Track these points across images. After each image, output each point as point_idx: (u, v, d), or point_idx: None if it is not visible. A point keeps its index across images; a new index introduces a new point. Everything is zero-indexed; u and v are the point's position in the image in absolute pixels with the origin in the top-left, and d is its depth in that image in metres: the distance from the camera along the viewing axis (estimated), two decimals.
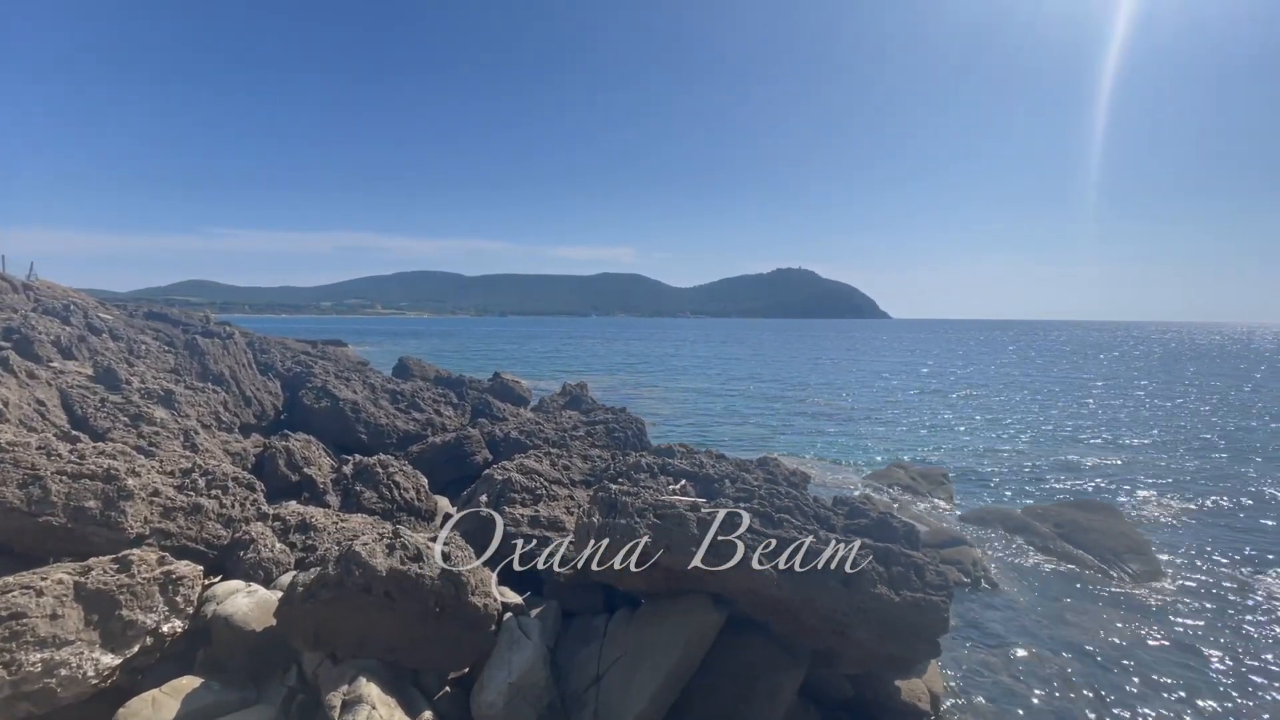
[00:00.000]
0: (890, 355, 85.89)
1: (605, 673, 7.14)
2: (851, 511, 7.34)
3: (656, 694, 6.53)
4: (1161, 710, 8.20)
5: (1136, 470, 21.48)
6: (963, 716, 8.22)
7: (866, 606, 5.94)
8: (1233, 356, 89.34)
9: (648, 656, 6.75)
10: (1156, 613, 11.01)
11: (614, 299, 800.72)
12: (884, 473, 19.45)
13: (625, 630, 7.33)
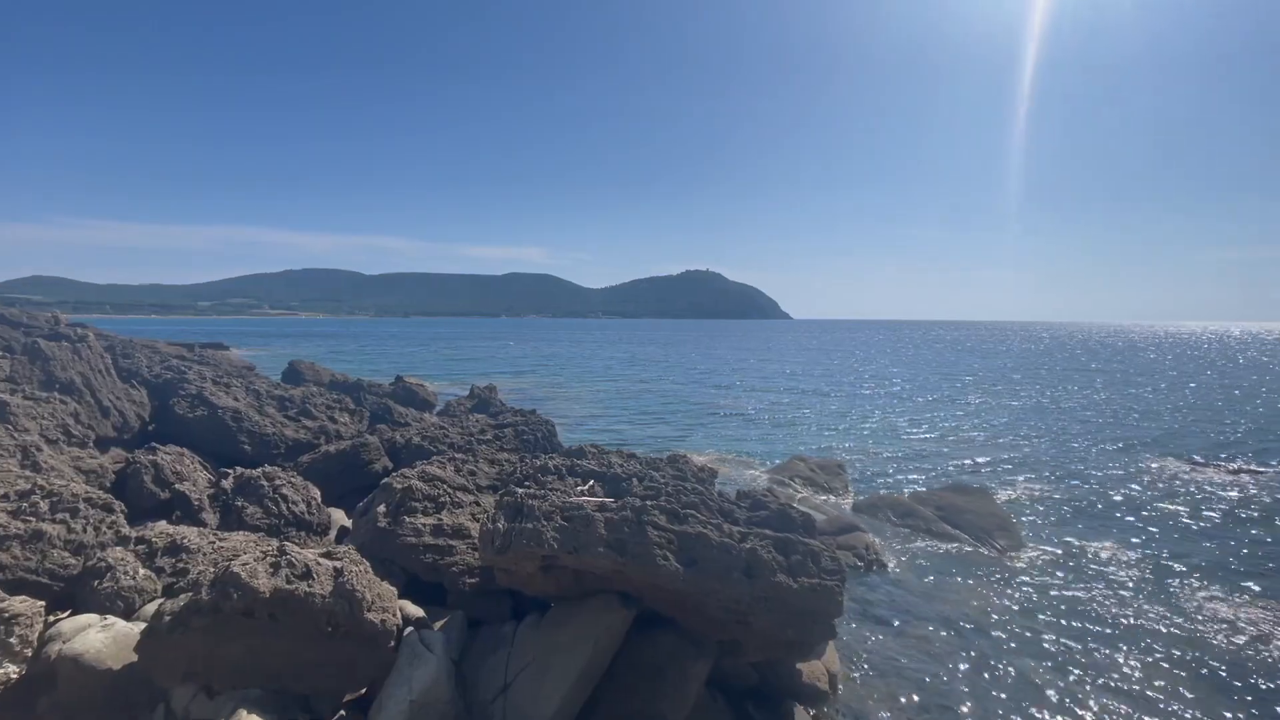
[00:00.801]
0: (792, 354, 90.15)
1: (513, 681, 6.99)
2: (754, 504, 7.61)
3: (566, 697, 6.48)
4: (1026, 663, 9.11)
5: (1007, 457, 23.76)
6: (859, 691, 8.73)
7: (767, 595, 6.18)
8: (1100, 355, 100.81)
9: (557, 660, 6.68)
10: (1018, 580, 12.25)
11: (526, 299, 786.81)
12: (786, 466, 20.34)
13: (533, 636, 7.21)
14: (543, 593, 7.12)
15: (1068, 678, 8.94)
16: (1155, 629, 10.39)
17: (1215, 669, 9.17)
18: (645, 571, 6.14)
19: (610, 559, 6.27)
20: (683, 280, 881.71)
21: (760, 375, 56.80)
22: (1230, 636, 10.14)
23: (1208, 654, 9.58)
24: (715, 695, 7.78)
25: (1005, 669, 9.09)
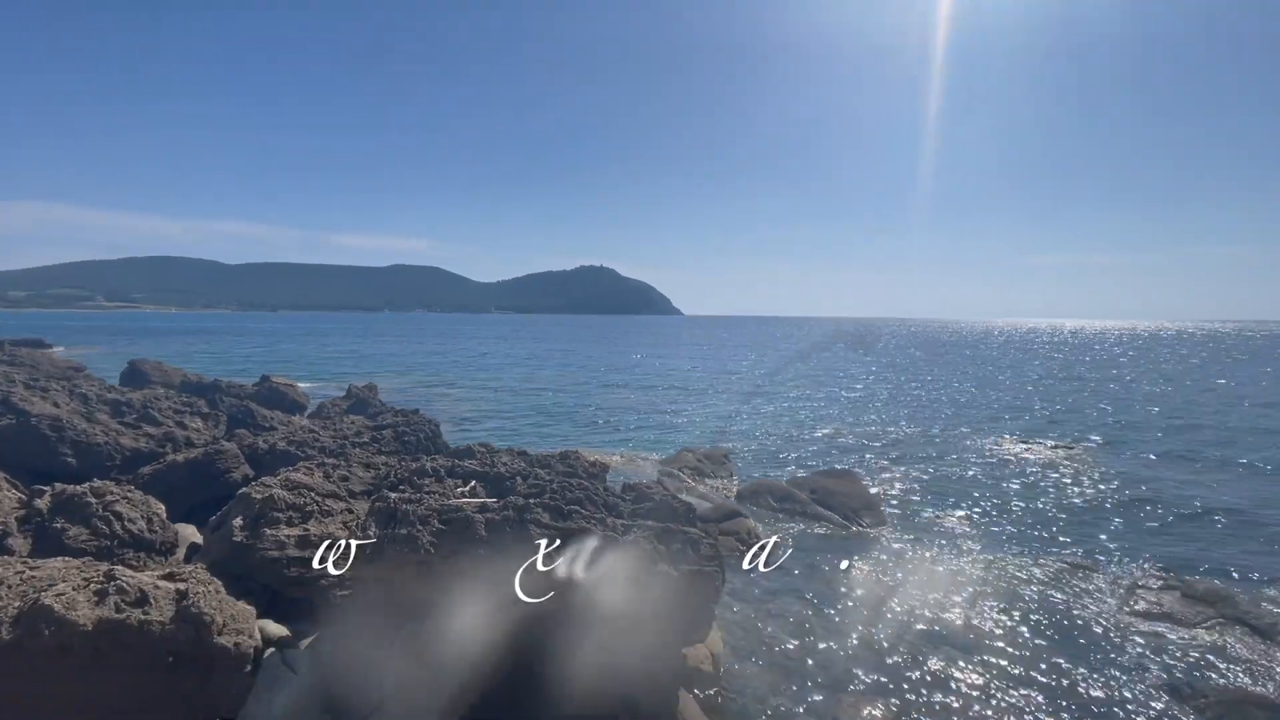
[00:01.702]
0: (685, 350, 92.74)
1: (389, 695, 6.67)
2: (638, 497, 7.76)
3: (444, 707, 6.27)
4: (889, 629, 10.00)
5: (874, 442, 25.90)
6: (741, 669, 9.17)
7: (650, 584, 6.33)
8: (955, 347, 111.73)
9: (435, 670, 6.43)
10: (882, 554, 13.44)
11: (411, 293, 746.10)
12: (676, 458, 20.92)
13: (411, 646, 6.91)
14: (423, 598, 6.83)
15: (924, 638, 9.91)
16: (994, 588, 11.77)
17: (1040, 618, 10.55)
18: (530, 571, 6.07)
19: (494, 559, 6.14)
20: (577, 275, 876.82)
21: (654, 370, 57.99)
22: (1051, 590, 11.72)
23: (1036, 606, 11.00)
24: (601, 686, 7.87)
25: (872, 636, 9.91)
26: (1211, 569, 12.91)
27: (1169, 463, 22.85)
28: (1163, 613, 10.64)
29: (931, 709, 8.15)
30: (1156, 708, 8.22)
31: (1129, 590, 11.65)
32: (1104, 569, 12.83)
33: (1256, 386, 49.77)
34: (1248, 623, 10.17)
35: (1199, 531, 15.35)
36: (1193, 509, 17.04)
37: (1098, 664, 9.24)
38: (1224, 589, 11.51)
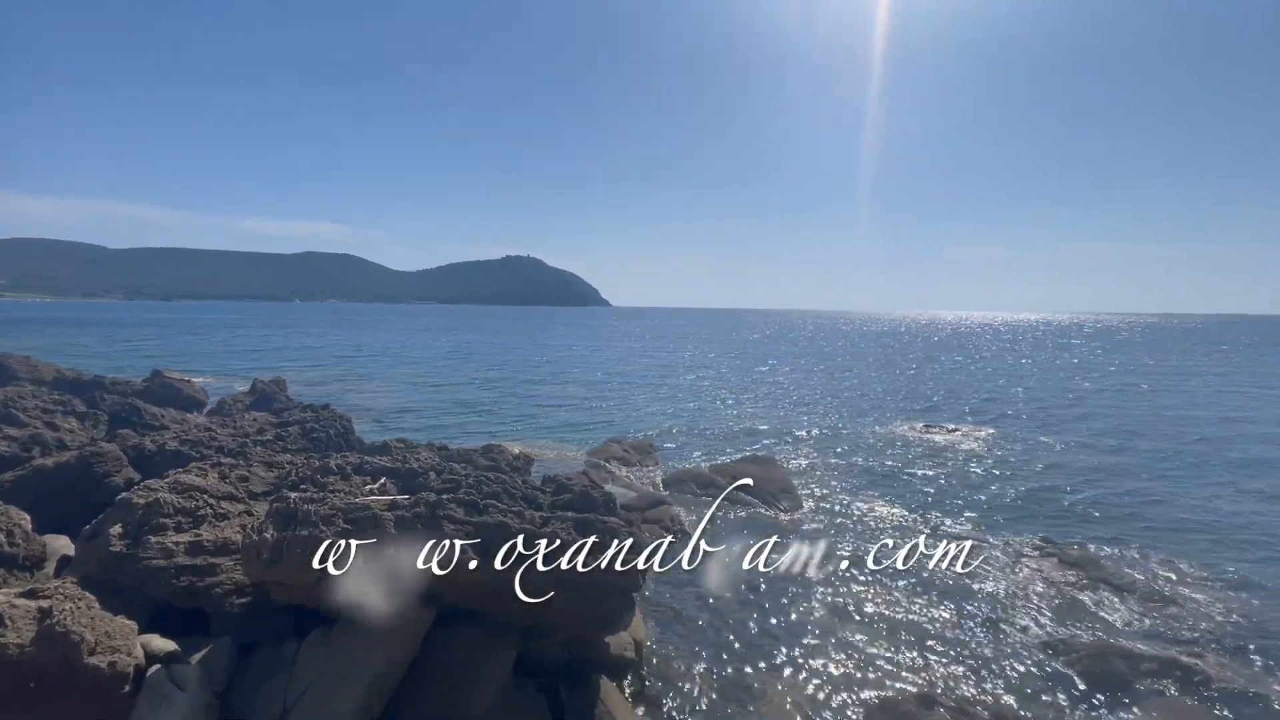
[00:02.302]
0: (612, 340, 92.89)
1: (295, 704, 6.33)
2: (558, 488, 7.70)
3: (356, 712, 6.02)
4: (806, 606, 10.43)
5: (793, 429, 26.90)
6: (665, 653, 9.33)
7: (568, 576, 6.30)
8: (869, 338, 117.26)
9: (345, 674, 6.16)
10: (798, 535, 14.00)
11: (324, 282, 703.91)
12: (603, 448, 20.94)
13: (320, 652, 6.58)
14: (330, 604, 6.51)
15: (835, 612, 10.42)
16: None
17: (939, 587, 11.30)
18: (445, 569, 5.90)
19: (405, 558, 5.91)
20: (502, 265, 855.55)
21: (582, 362, 57.72)
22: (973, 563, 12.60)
23: (936, 577, 11.77)
24: (523, 683, 7.78)
25: (789, 614, 10.31)
26: (1084, 537, 14.28)
27: (1055, 443, 25.05)
28: (1042, 577, 11.69)
29: (842, 677, 8.58)
30: (1035, 659, 9.03)
31: (1015, 559, 12.72)
32: (994, 540, 13.92)
33: (1135, 373, 55.34)
34: (1111, 583, 11.34)
35: (1075, 504, 16.92)
36: (1071, 484, 18.79)
37: (988, 625, 10.03)
38: (1093, 554, 12.78)
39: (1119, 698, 8.24)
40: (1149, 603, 10.88)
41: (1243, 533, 14.72)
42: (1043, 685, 8.55)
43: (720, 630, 9.82)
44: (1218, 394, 40.39)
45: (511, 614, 6.68)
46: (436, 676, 6.90)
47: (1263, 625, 10.26)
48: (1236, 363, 64.38)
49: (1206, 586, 11.67)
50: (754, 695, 8.28)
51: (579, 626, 7.43)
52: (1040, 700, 8.24)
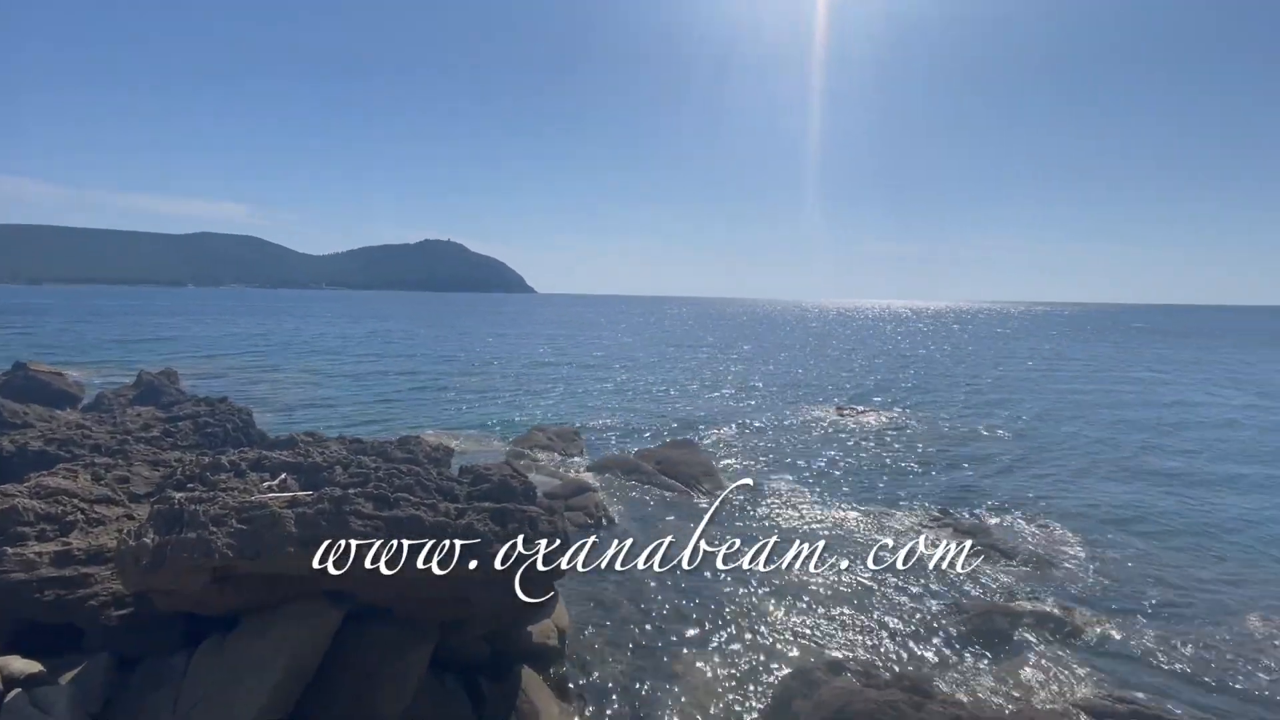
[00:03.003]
0: (538, 328, 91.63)
1: (189, 714, 5.89)
2: (476, 479, 7.52)
3: (257, 718, 5.67)
4: (726, 583, 10.73)
5: (715, 413, 27.54)
6: (588, 640, 9.36)
7: (486, 568, 6.18)
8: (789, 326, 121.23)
9: (244, 683, 5.78)
10: (721, 518, 14.35)
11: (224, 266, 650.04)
12: (527, 437, 20.67)
13: (214, 660, 6.14)
14: (225, 610, 6.08)
15: (755, 586, 10.79)
16: (813, 536, 13.11)
17: (849, 558, 11.92)
18: (350, 565, 5.62)
19: (307, 557, 5.60)
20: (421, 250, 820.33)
21: (506, 350, 56.58)
22: (857, 533, 13.34)
23: (846, 549, 12.41)
24: (442, 677, 7.60)
25: (711, 592, 10.58)
26: (977, 507, 15.49)
27: (956, 422, 26.96)
28: (939, 543, 12.58)
29: (758, 651, 8.93)
30: (931, 621, 9.73)
31: (914, 528, 13.65)
32: (898, 512, 14.86)
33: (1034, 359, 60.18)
34: (998, 548, 12.38)
35: (970, 478, 18.32)
36: (968, 460, 20.32)
37: (892, 593, 10.71)
38: (982, 522, 13.90)
39: (1001, 650, 9.04)
40: (1028, 565, 11.96)
41: (1112, 502, 16.45)
42: (937, 643, 9.24)
43: (643, 614, 9.96)
44: (1109, 378, 44.74)
45: (425, 609, 6.48)
46: (349, 676, 6.61)
47: (1126, 583, 11.51)
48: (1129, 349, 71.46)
49: (1079, 550, 12.95)
50: (674, 675, 8.47)
51: (499, 618, 7.32)
52: (934, 657, 8.91)
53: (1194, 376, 44.94)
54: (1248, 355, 63.71)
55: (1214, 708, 8.02)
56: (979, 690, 8.17)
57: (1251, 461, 20.79)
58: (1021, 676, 8.48)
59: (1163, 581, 11.61)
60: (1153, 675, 8.66)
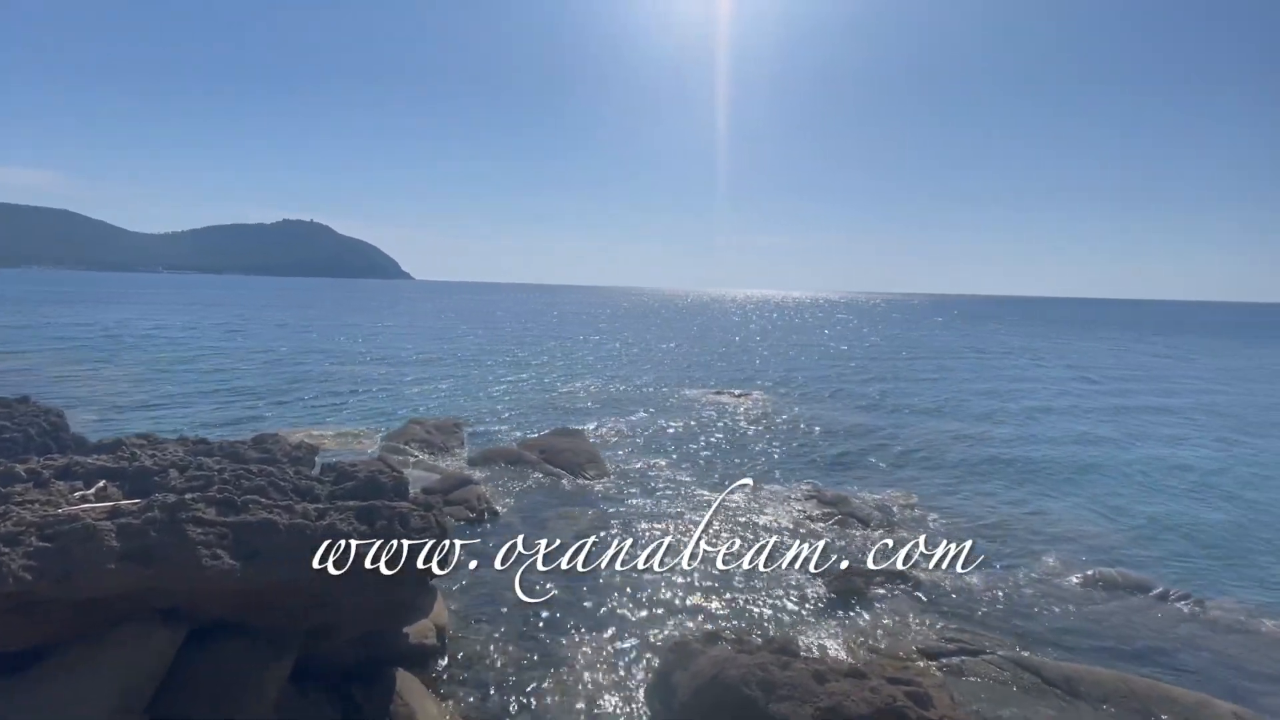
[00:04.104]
0: (414, 316, 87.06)
1: None
2: (339, 476, 7.03)
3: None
4: (607, 569, 10.86)
5: (599, 400, 27.73)
6: (470, 637, 9.10)
7: (352, 570, 5.81)
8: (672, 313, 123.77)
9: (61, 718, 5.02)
10: (604, 501, 14.54)
11: (29, 244, 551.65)
12: (402, 431, 19.65)
13: (19, 700, 5.28)
14: (27, 643, 5.23)
15: (636, 570, 11.01)
16: (692, 516, 13.65)
17: (725, 532, 12.55)
18: (187, 578, 5.05)
19: (132, 573, 4.95)
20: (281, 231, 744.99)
21: (380, 339, 53.20)
22: (734, 510, 14.06)
23: (723, 524, 13.05)
24: (306, 690, 7.08)
25: (596, 580, 10.65)
26: (840, 480, 16.91)
27: (822, 401, 29.11)
28: (805, 516, 13.63)
29: (640, 630, 9.17)
30: (798, 587, 10.51)
31: (784, 501, 14.66)
32: (770, 487, 15.85)
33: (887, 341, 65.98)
34: (857, 516, 13.61)
35: (834, 452, 19.92)
36: (832, 436, 22.06)
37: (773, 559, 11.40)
38: (845, 494, 15.18)
39: (857, 608, 9.97)
40: (882, 529, 13.26)
41: (954, 465, 18.63)
42: (804, 607, 10.01)
43: (528, 606, 9.84)
44: (946, 359, 50.15)
45: (283, 619, 5.99)
46: (196, 700, 5.97)
47: (959, 538, 13.07)
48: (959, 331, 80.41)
49: (925, 512, 14.54)
50: (558, 661, 8.49)
51: (371, 620, 6.93)
52: (801, 620, 9.65)
53: (1024, 359, 51.85)
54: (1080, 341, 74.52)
55: (1023, 635, 9.38)
56: (838, 645, 8.96)
57: (1066, 431, 24.36)
58: (874, 629, 9.41)
59: (987, 534, 13.36)
60: (977, 615, 9.95)
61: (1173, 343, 74.27)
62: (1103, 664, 8.56)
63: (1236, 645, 9.38)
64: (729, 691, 6.47)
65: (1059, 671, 8.05)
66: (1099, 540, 13.43)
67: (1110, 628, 9.72)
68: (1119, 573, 11.40)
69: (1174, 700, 7.50)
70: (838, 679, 6.65)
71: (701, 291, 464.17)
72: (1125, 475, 18.49)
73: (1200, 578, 11.81)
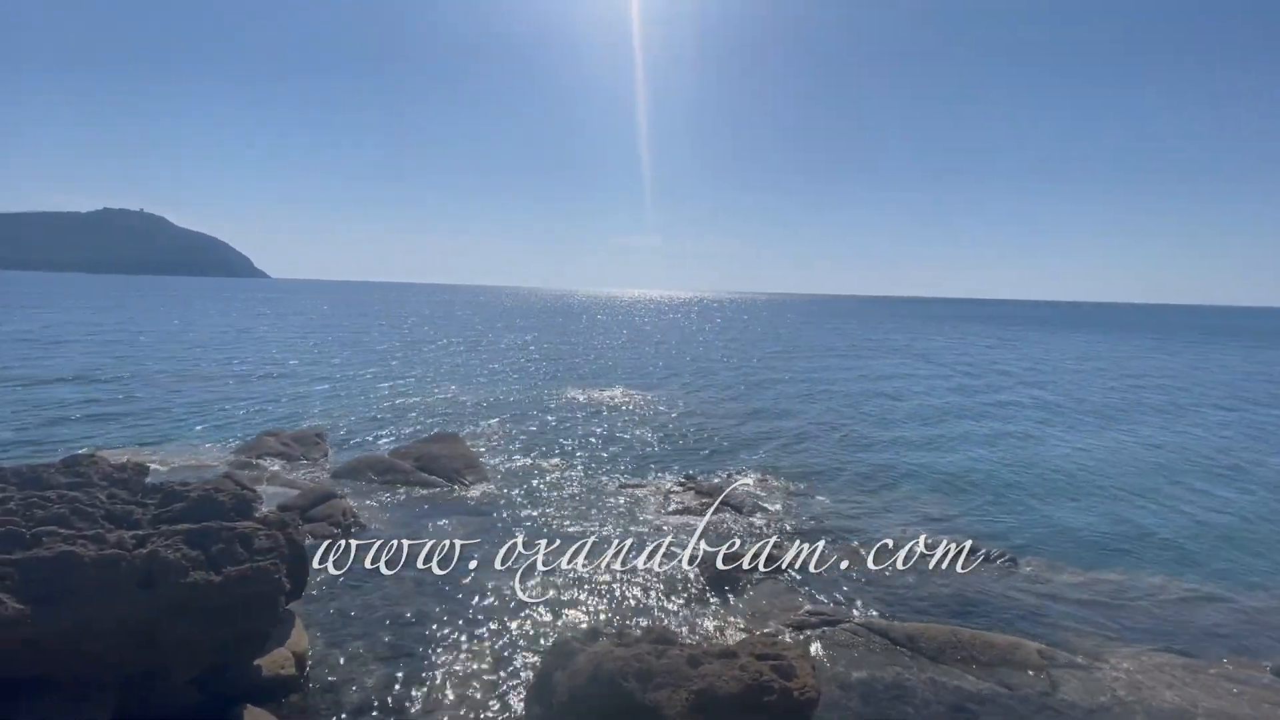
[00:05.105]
0: (269, 318, 79.30)
1: None
2: (166, 498, 6.23)
3: None
4: (486, 577, 10.52)
5: (476, 403, 26.86)
6: (332, 662, 8.42)
7: (180, 602, 5.17)
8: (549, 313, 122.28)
9: None
10: (483, 508, 14.09)
11: None
12: (254, 444, 17.85)
13: None
14: None
15: (513, 574, 10.77)
16: (574, 513, 13.61)
17: (607, 528, 12.62)
18: None
19: None
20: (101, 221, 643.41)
21: (230, 345, 47.81)
22: (617, 505, 14.21)
23: (605, 520, 13.11)
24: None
25: (472, 592, 10.27)
26: (713, 470, 17.66)
27: (697, 397, 30.18)
28: (684, 507, 14.10)
29: (518, 635, 8.98)
30: (676, 576, 10.83)
31: (665, 494, 15.06)
32: (651, 482, 16.21)
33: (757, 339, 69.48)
34: (731, 503, 14.29)
35: (709, 445, 20.76)
36: (706, 430, 22.96)
37: (652, 551, 11.64)
38: (721, 484, 15.87)
39: (732, 592, 10.46)
40: (753, 515, 14.02)
41: (820, 451, 20.07)
42: (681, 593, 10.34)
43: (400, 624, 9.29)
44: (818, 354, 53.80)
45: (95, 667, 5.20)
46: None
47: (821, 520, 14.15)
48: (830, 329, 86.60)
49: (791, 499, 15.55)
50: (434, 677, 8.10)
51: (208, 658, 6.21)
52: (679, 609, 9.94)
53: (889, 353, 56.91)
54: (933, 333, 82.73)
55: (875, 602, 10.33)
56: (714, 629, 9.34)
57: (913, 421, 27.05)
58: (747, 611, 9.91)
59: (843, 514, 14.57)
60: (837, 589, 10.80)
61: (1004, 334, 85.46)
62: (938, 621, 9.65)
63: (1040, 593, 10.95)
64: (606, 686, 6.53)
65: (903, 631, 8.95)
66: (936, 512, 15.11)
67: (944, 588, 10.96)
68: (951, 539, 12.87)
69: (993, 645, 8.62)
70: (711, 661, 6.93)
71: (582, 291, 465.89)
72: (964, 454, 20.95)
73: (1014, 538, 13.67)
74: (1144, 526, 14.66)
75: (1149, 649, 9.17)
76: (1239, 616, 10.44)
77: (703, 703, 6.21)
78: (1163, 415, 29.11)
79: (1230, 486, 18.00)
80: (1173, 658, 8.92)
